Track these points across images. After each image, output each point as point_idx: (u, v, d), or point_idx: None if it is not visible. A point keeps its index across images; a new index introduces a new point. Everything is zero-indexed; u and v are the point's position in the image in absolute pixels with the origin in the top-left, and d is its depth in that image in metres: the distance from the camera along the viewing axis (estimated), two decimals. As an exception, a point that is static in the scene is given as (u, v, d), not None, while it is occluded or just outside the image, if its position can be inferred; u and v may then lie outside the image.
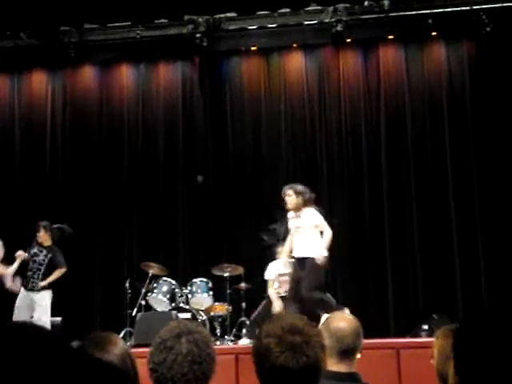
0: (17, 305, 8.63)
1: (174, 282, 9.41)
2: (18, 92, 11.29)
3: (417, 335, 8.76)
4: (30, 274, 8.75)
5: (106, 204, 10.72)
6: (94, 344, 2.28)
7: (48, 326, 8.35)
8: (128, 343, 8.40)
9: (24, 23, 10.21)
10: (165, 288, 9.30)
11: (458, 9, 9.95)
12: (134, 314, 9.09)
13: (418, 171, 10.25)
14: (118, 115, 11.09)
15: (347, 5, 10.07)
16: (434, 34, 10.31)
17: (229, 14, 10.35)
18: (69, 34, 10.58)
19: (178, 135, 10.93)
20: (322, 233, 7.72)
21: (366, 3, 10.07)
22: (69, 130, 11.17)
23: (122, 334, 8.81)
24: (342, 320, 3.13)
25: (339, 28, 10.08)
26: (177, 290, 9.34)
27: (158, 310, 9.12)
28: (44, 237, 8.91)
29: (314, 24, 10.33)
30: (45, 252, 8.85)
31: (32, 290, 8.67)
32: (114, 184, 10.80)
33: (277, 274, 8.83)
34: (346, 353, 3.00)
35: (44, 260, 8.80)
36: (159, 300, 9.19)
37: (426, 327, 8.92)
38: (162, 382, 2.28)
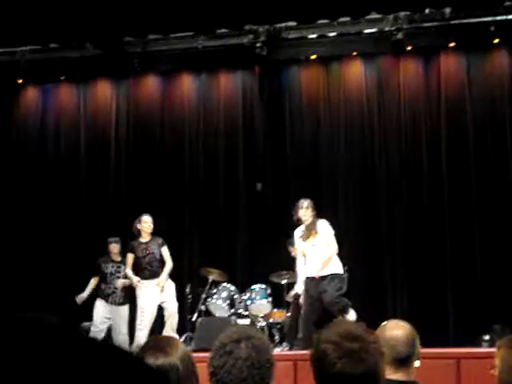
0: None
1: (233, 287, 9.50)
2: (84, 101, 11.57)
3: (477, 345, 8.65)
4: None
5: (167, 211, 10.89)
6: (157, 347, 2.33)
7: None
8: (188, 348, 8.54)
9: (89, 34, 10.46)
10: (224, 294, 9.40)
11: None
12: (194, 320, 9.22)
13: (480, 182, 10.11)
14: (180, 124, 11.27)
15: (408, 12, 9.99)
16: (496, 41, 10.17)
17: (289, 23, 10.39)
18: (133, 45, 10.80)
19: (238, 143, 11.04)
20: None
21: (426, 11, 9.98)
22: (132, 138, 11.41)
23: (182, 339, 8.93)
24: (396, 328, 3.08)
25: (400, 36, 10.01)
26: (236, 296, 9.42)
27: (218, 315, 9.22)
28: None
29: (374, 32, 10.30)
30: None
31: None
32: (176, 191, 10.98)
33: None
34: (402, 361, 2.96)
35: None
36: (219, 306, 9.28)
37: (487, 337, 8.81)
38: (221, 387, 2.32)
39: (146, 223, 9.11)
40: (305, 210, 8.26)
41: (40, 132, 11.60)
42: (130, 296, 9.36)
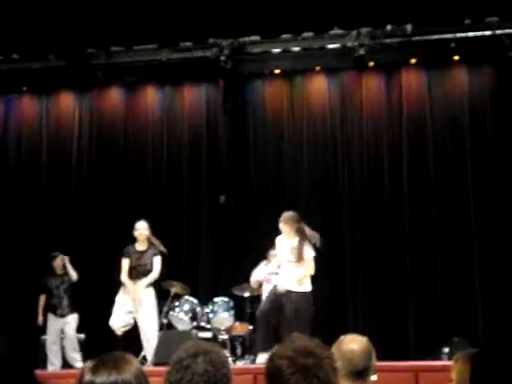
0: None
1: (195, 300, 9.48)
2: (46, 112, 11.48)
3: (437, 358, 8.73)
4: None
5: (129, 222, 10.79)
6: (110, 363, 2.32)
7: None
8: (148, 362, 8.49)
9: (52, 45, 10.40)
10: (186, 307, 9.37)
11: (481, 33, 9.93)
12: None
13: (440, 196, 10.24)
14: (143, 136, 11.24)
15: (370, 29, 10.11)
16: (456, 58, 10.33)
17: (253, 38, 10.45)
18: (96, 56, 10.75)
19: (201, 156, 11.04)
20: None
21: (388, 27, 10.10)
22: (95, 150, 11.34)
23: (143, 353, 8.88)
24: (352, 341, 3.13)
25: (362, 52, 10.12)
26: (198, 309, 9.40)
27: (180, 328, 9.18)
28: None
29: (337, 48, 10.40)
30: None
31: None
32: (138, 204, 10.92)
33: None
34: (358, 374, 3.01)
35: None
36: (181, 319, 9.25)
37: (446, 350, 8.89)
38: (179, 401, 2.31)
39: (137, 230, 9.02)
40: (282, 225, 8.26)
41: (1, 143, 11.48)
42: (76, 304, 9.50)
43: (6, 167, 11.39)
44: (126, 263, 8.88)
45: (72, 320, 9.50)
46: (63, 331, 9.48)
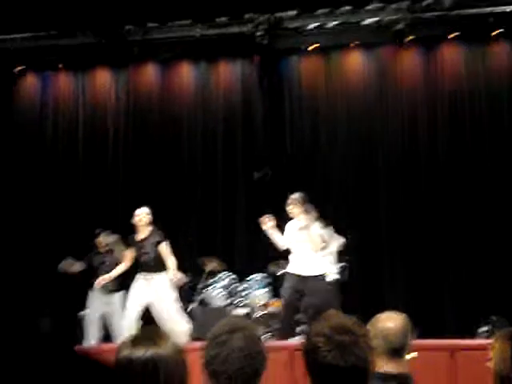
0: None
1: (231, 277, 9.50)
2: (83, 89, 11.55)
3: (475, 337, 8.66)
4: None
5: (165, 199, 10.90)
6: (147, 338, 2.34)
7: None
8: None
9: (89, 22, 10.42)
10: (222, 283, 9.41)
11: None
12: (191, 308, 9.22)
13: (478, 173, 10.11)
14: (179, 112, 11.25)
15: (408, 3, 9.96)
16: (495, 32, 10.14)
17: (289, 13, 10.37)
18: (132, 33, 10.76)
19: (236, 132, 11.03)
20: None
21: (427, 1, 9.94)
22: (131, 126, 11.39)
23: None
24: (389, 319, 3.12)
25: (400, 26, 9.99)
26: (234, 286, 9.43)
27: (215, 305, 9.22)
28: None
29: (375, 22, 10.27)
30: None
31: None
32: (174, 180, 10.97)
33: None
34: (394, 352, 3.00)
35: None
36: (216, 295, 9.29)
37: (485, 329, 8.82)
38: (214, 377, 2.34)
39: (137, 216, 8.63)
40: (291, 207, 8.19)
41: (38, 120, 11.59)
42: (122, 283, 9.40)
43: (43, 144, 11.50)
44: (130, 253, 8.68)
45: (118, 298, 9.38)
46: (107, 310, 9.39)
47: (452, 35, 10.32)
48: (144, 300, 8.36)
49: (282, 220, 10.46)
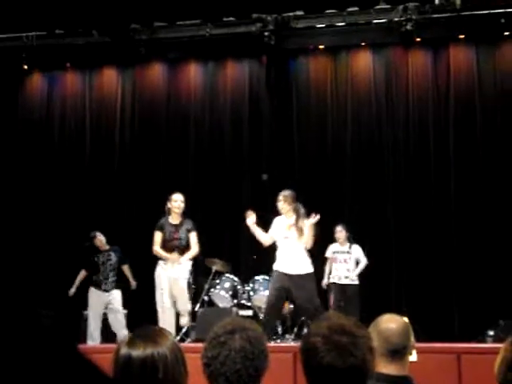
0: None
1: (236, 278, 9.47)
2: (90, 88, 11.57)
3: (482, 341, 8.60)
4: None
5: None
6: (146, 337, 2.34)
7: None
8: (190, 337, 8.53)
9: (96, 21, 10.43)
10: (227, 284, 9.38)
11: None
12: (196, 310, 9.19)
13: (488, 175, 10.05)
14: (185, 112, 11.24)
15: (417, 3, 9.92)
16: (506, 33, 10.08)
17: (297, 13, 10.34)
18: (139, 32, 10.76)
19: (243, 133, 11.01)
20: None
21: (436, 2, 9.90)
22: (137, 125, 11.41)
23: (184, 329, 8.92)
24: (390, 320, 3.12)
25: (409, 27, 9.93)
26: (239, 287, 9.40)
27: (220, 305, 9.19)
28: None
29: (383, 23, 10.23)
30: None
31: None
32: (180, 180, 10.94)
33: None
34: (396, 353, 2.99)
35: None
36: (221, 296, 9.26)
37: (492, 333, 8.75)
38: (215, 377, 2.32)
39: (175, 202, 8.63)
40: (281, 203, 8.19)
41: (45, 118, 11.62)
42: (121, 280, 9.49)
43: (50, 143, 11.51)
44: (158, 236, 8.54)
45: (117, 295, 9.49)
46: (108, 306, 9.48)
47: (461, 36, 10.26)
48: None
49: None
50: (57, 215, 11.12)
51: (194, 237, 8.61)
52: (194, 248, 8.61)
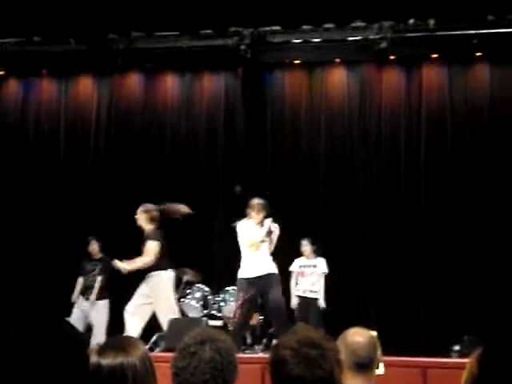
0: None
1: (207, 288, 9.50)
2: (65, 95, 11.54)
3: (447, 356, 8.69)
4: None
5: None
6: (116, 346, 2.36)
7: None
8: (159, 347, 8.53)
9: (73, 29, 10.43)
10: (198, 294, 9.41)
11: (504, 30, 9.86)
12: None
13: (458, 193, 10.18)
14: (161, 121, 11.27)
15: (392, 22, 10.07)
16: (478, 54, 10.27)
17: (274, 27, 10.44)
18: (117, 41, 10.77)
19: (218, 143, 11.06)
20: None
21: (411, 21, 10.05)
22: (113, 133, 11.40)
23: (154, 338, 8.91)
24: (357, 334, 3.18)
25: (383, 45, 10.07)
26: (210, 297, 9.43)
27: (191, 315, 9.22)
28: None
29: (359, 40, 10.36)
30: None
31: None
32: (154, 190, 10.94)
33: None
34: (362, 366, 3.04)
35: None
36: (192, 306, 9.29)
37: (457, 348, 8.86)
38: (183, 388, 2.32)
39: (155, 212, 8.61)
40: (256, 212, 8.23)
41: (20, 125, 11.56)
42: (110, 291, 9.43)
43: (24, 149, 11.46)
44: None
45: (103, 306, 9.40)
46: (90, 316, 9.41)
47: (435, 55, 10.43)
48: None
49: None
50: (33, 220, 11.05)
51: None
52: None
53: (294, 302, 9.56)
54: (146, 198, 10.81)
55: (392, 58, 10.41)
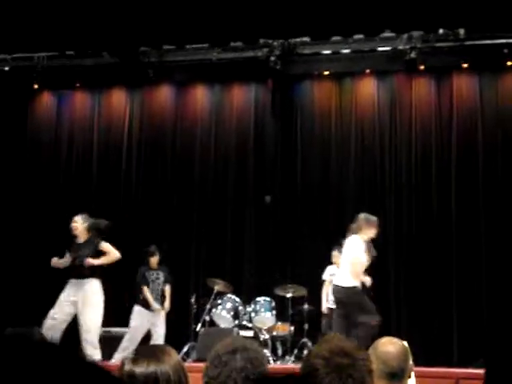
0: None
1: (237, 299, 9.53)
2: (98, 108, 11.67)
3: (480, 367, 8.61)
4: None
5: (175, 220, 10.97)
6: (150, 354, 2.38)
7: None
8: (191, 357, 8.58)
9: (106, 42, 10.57)
10: (229, 305, 9.43)
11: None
12: (197, 329, 9.24)
13: (488, 204, 10.10)
14: (192, 134, 11.34)
15: (422, 32, 10.06)
16: (509, 63, 10.21)
17: (303, 39, 10.48)
18: (148, 54, 10.90)
19: (248, 156, 11.10)
20: None
21: (440, 31, 10.04)
22: (144, 147, 11.49)
23: (185, 348, 8.97)
24: (388, 343, 3.17)
25: (413, 55, 10.06)
26: (240, 308, 9.45)
27: (222, 326, 9.25)
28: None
29: (388, 50, 10.37)
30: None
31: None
32: (185, 201, 11.05)
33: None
34: (394, 376, 3.04)
35: None
36: (223, 316, 9.32)
37: (489, 359, 8.77)
38: (215, 397, 2.33)
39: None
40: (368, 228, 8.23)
41: (54, 138, 11.70)
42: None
43: (57, 162, 11.60)
44: None
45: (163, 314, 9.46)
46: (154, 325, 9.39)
47: (465, 65, 10.39)
48: None
49: (291, 242, 10.53)
50: (62, 237, 11.13)
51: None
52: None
53: (325, 311, 9.53)
54: (176, 210, 10.97)
55: (422, 68, 10.37)
